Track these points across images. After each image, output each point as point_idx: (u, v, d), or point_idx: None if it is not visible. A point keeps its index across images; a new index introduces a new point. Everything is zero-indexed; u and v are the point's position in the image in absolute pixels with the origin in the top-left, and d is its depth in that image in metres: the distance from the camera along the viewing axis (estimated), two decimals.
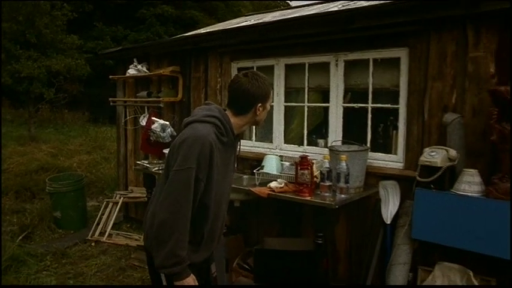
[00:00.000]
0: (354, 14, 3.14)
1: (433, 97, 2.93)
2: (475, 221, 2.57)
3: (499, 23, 2.66)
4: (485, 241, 2.55)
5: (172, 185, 1.82)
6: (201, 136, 1.82)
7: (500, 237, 2.49)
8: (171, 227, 1.80)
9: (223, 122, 1.91)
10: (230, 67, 4.23)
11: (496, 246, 2.52)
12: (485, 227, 2.54)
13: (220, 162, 1.90)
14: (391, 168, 3.14)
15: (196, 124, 1.89)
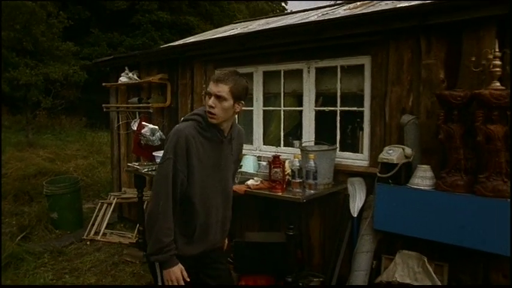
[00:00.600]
0: (323, 26, 3.48)
1: (393, 100, 3.26)
2: (427, 212, 2.88)
3: (447, 34, 2.99)
4: (436, 229, 2.87)
5: (156, 178, 2.07)
6: (178, 130, 2.06)
7: (449, 225, 2.81)
8: (154, 216, 2.01)
9: (204, 117, 2.09)
10: (214, 74, 4.55)
11: (446, 233, 2.83)
12: (436, 217, 2.85)
13: (205, 157, 2.08)
14: (358, 166, 3.47)
15: (180, 123, 2.15)
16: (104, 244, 5.10)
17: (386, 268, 3.22)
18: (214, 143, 2.12)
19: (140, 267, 4.36)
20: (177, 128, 2.09)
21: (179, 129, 2.06)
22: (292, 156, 3.41)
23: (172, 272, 2.04)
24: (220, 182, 2.20)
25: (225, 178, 2.25)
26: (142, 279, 4.09)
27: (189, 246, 2.13)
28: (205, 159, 2.09)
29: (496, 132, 2.62)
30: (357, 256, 3.20)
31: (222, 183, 2.22)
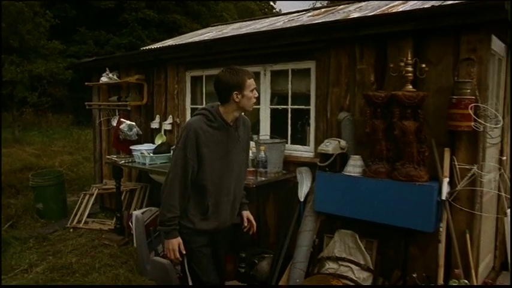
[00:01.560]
0: (274, 34, 4.02)
1: (333, 100, 3.81)
2: (358, 195, 3.44)
3: (376, 44, 3.55)
4: (365, 210, 3.43)
5: (172, 161, 2.45)
6: (188, 124, 2.41)
7: (375, 206, 3.36)
8: (164, 194, 2.37)
9: (211, 111, 2.41)
10: (185, 76, 5.10)
11: (373, 213, 3.39)
12: (364, 199, 3.41)
13: (213, 144, 2.38)
14: (305, 157, 4.02)
15: (190, 120, 2.51)
16: (86, 231, 5.61)
17: (328, 245, 3.79)
18: (221, 131, 2.41)
19: (117, 249, 4.88)
20: (187, 122, 2.48)
21: (189, 123, 2.41)
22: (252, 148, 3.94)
23: (171, 243, 2.40)
24: (229, 165, 2.47)
25: (235, 161, 2.51)
26: (118, 259, 4.61)
27: (205, 221, 2.46)
28: (214, 146, 2.38)
29: (409, 127, 3.18)
30: (300, 234, 3.75)
31: (231, 165, 2.48)
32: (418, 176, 3.19)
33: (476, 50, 3.12)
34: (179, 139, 2.41)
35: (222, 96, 2.41)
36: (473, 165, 3.14)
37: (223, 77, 2.38)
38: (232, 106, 2.41)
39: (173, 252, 2.41)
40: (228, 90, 2.37)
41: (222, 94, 2.41)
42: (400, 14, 3.49)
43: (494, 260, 4.19)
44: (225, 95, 2.39)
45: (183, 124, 2.58)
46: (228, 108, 2.41)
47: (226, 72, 2.40)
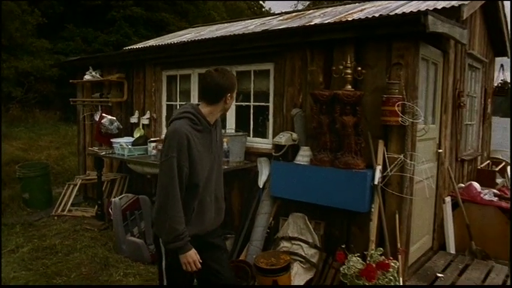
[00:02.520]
0: (237, 39, 4.56)
1: (288, 98, 4.36)
2: (306, 182, 3.99)
3: (324, 48, 4.09)
4: (313, 194, 3.98)
5: (161, 174, 2.31)
6: (177, 129, 2.29)
7: (320, 191, 3.91)
8: (165, 208, 2.25)
9: (195, 115, 2.36)
10: (161, 75, 5.63)
11: (319, 197, 3.94)
12: (312, 185, 3.96)
13: (200, 146, 2.35)
14: (265, 148, 4.57)
15: (174, 121, 2.37)
16: (69, 218, 6.11)
17: (282, 226, 4.34)
18: (205, 133, 2.41)
19: (98, 233, 5.40)
20: (175, 127, 2.32)
21: (177, 129, 2.30)
22: None
23: (189, 256, 2.31)
24: (213, 163, 2.47)
25: (216, 161, 2.51)
26: (98, 241, 5.12)
27: (188, 226, 2.34)
28: (201, 148, 2.36)
29: (348, 122, 3.74)
30: (258, 216, 4.30)
31: (214, 164, 2.49)
32: (355, 164, 3.75)
33: (404, 56, 3.67)
34: (168, 147, 2.30)
35: (213, 96, 2.40)
36: (401, 154, 3.70)
37: (217, 78, 2.37)
38: (219, 107, 2.43)
39: (194, 263, 2.35)
40: (222, 91, 2.38)
41: (214, 95, 2.39)
42: (342, 24, 4.04)
43: (433, 241, 4.78)
44: (216, 96, 2.39)
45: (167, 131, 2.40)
46: (215, 108, 2.42)
47: (219, 73, 2.39)
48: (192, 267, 2.34)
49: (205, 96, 2.43)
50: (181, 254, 2.31)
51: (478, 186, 5.00)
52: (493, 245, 4.71)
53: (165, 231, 2.28)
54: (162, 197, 2.29)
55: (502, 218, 4.69)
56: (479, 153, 6.31)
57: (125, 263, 4.49)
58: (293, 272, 3.96)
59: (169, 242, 2.29)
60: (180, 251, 2.30)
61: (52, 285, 4.07)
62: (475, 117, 6.11)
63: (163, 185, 2.29)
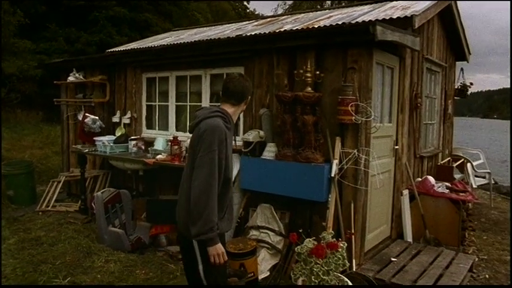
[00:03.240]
0: (211, 44, 5.02)
1: (257, 99, 4.83)
2: (272, 175, 4.46)
3: (289, 54, 4.57)
4: (278, 186, 4.45)
5: (201, 167, 2.38)
6: (217, 126, 2.45)
7: (285, 183, 4.38)
8: (204, 200, 2.33)
9: (225, 114, 2.59)
10: (141, 77, 6.06)
11: (284, 189, 4.41)
12: (277, 178, 4.43)
13: (230, 144, 2.57)
14: (236, 145, 4.95)
15: (208, 120, 2.50)
16: (53, 213, 6.48)
17: (252, 216, 4.81)
18: (231, 131, 2.61)
19: (81, 226, 5.80)
20: (215, 124, 2.47)
21: (218, 125, 2.46)
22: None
23: (219, 248, 2.40)
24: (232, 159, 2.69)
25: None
26: (81, 233, 5.51)
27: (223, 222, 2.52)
28: (230, 145, 2.59)
29: (308, 120, 4.22)
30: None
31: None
32: (314, 158, 4.24)
33: (357, 61, 4.17)
34: (209, 142, 2.40)
35: (237, 98, 2.67)
36: (355, 150, 4.20)
37: (242, 82, 2.68)
38: (240, 108, 2.73)
39: (222, 255, 2.44)
40: (244, 94, 2.69)
41: (238, 97, 2.66)
42: (304, 32, 4.52)
43: (391, 231, 5.29)
44: (240, 98, 2.68)
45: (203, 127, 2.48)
46: (237, 109, 2.70)
47: (243, 78, 2.72)
48: (220, 259, 2.42)
49: (231, 98, 2.66)
50: (211, 246, 2.38)
51: (432, 180, 5.54)
52: (444, 233, 5.26)
53: (202, 221, 2.32)
54: (201, 189, 2.35)
55: (452, 208, 5.23)
56: (440, 150, 6.87)
57: (106, 251, 4.90)
58: (260, 257, 4.43)
59: (202, 233, 2.34)
60: (210, 242, 2.37)
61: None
62: (435, 117, 6.67)
63: (205, 177, 2.36)
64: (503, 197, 8.71)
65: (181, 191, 2.61)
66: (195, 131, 2.54)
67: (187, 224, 2.44)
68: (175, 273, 4.41)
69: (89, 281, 4.20)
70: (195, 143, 2.50)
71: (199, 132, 2.47)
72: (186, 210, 2.44)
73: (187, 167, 2.58)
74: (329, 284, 3.43)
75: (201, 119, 2.54)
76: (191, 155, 2.53)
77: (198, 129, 2.51)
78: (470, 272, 4.68)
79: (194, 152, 2.48)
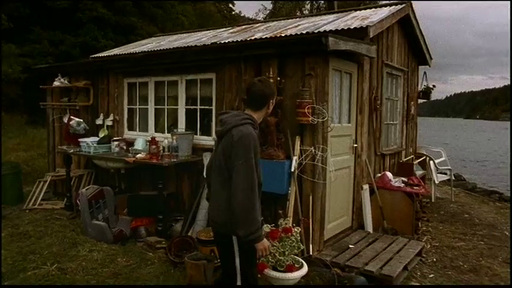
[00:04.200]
0: (185, 52, 5.62)
1: (227, 102, 5.44)
2: None
3: (255, 61, 5.17)
4: None
5: (243, 173, 2.59)
6: (249, 134, 2.65)
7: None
8: (250, 203, 2.57)
9: (253, 120, 2.78)
10: (123, 82, 6.63)
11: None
12: None
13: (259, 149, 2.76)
14: (209, 144, 5.62)
15: (240, 127, 2.69)
16: (40, 210, 6.99)
17: None
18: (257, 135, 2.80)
19: (67, 221, 6.33)
20: (248, 132, 2.68)
21: (251, 133, 2.68)
22: (168, 138, 5.53)
23: (266, 242, 2.73)
24: None
25: None
26: (67, 228, 6.04)
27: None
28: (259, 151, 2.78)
29: (271, 121, 4.83)
30: (202, 201, 5.35)
31: None
32: (276, 155, 4.85)
33: (314, 68, 4.79)
34: (245, 150, 2.62)
35: (259, 103, 2.86)
36: (312, 147, 4.81)
37: (262, 87, 2.85)
38: (263, 112, 2.90)
39: (268, 248, 2.79)
40: (266, 98, 2.86)
41: (260, 102, 2.85)
42: (268, 42, 5.14)
43: (352, 222, 5.92)
44: (262, 102, 2.85)
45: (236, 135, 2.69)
46: (261, 114, 2.89)
47: (263, 83, 2.89)
48: (267, 252, 2.78)
49: (253, 104, 2.86)
50: (259, 242, 2.67)
51: (390, 176, 6.18)
52: (400, 223, 5.90)
53: (249, 222, 2.58)
54: (246, 193, 2.57)
55: (407, 201, 5.88)
56: (403, 148, 7.54)
57: (90, 243, 5.44)
58: None
59: (251, 233, 2.59)
60: (259, 239, 2.66)
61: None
62: (397, 118, 7.33)
63: (247, 183, 2.59)
64: (467, 193, 9.44)
65: (215, 194, 2.86)
66: (227, 137, 2.71)
67: (227, 223, 2.72)
68: (153, 260, 4.97)
69: (74, 267, 4.74)
70: (227, 149, 2.67)
71: (233, 139, 2.65)
72: (226, 211, 2.69)
73: (215, 171, 2.84)
74: (285, 264, 4.04)
75: (233, 126, 2.71)
76: (222, 160, 2.73)
77: (230, 136, 2.69)
78: (420, 256, 5.33)
79: (227, 158, 2.68)
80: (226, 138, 2.71)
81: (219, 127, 2.86)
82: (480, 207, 8.05)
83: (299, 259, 4.25)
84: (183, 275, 4.53)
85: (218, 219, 2.84)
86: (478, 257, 5.47)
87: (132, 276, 4.57)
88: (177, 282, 4.45)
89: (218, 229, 2.90)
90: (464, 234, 6.32)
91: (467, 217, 7.20)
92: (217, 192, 2.83)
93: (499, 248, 5.78)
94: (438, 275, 4.92)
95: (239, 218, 2.59)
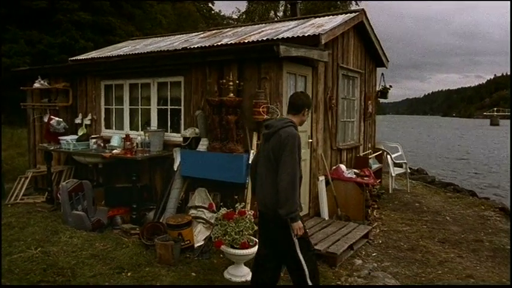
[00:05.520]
0: (156, 58, 6.38)
1: (194, 102, 6.22)
2: (205, 164, 5.84)
3: (218, 66, 5.95)
4: (210, 172, 5.83)
5: (288, 163, 3.30)
6: (294, 133, 3.42)
7: (215, 170, 5.76)
8: (292, 187, 3.27)
9: (293, 123, 3.54)
10: (100, 84, 7.36)
11: (214, 174, 5.79)
12: (209, 166, 5.81)
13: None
14: (178, 140, 6.39)
15: (286, 129, 3.45)
16: (22, 204, 7.67)
17: (191, 198, 6.17)
18: None
19: (48, 213, 7.03)
20: (293, 132, 3.43)
21: (295, 133, 3.44)
22: (141, 135, 6.29)
23: (300, 223, 3.37)
24: None
25: None
26: (49, 219, 6.72)
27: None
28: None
29: (231, 119, 5.62)
30: (172, 191, 6.12)
31: None
32: (236, 149, 5.65)
33: (269, 72, 5.60)
34: (292, 146, 3.35)
35: (295, 109, 3.64)
36: None
37: (301, 97, 3.72)
38: (300, 117, 3.66)
39: (303, 228, 3.43)
40: (302, 106, 3.65)
41: (296, 108, 3.64)
42: (228, 49, 5.93)
43: (310, 209, 6.75)
44: (299, 109, 3.63)
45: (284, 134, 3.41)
46: (298, 118, 3.65)
47: (303, 94, 3.83)
48: (301, 232, 3.38)
49: (292, 109, 3.66)
50: (296, 222, 3.32)
51: (343, 168, 7.04)
52: (352, 210, 6.75)
53: (293, 203, 3.27)
54: (290, 179, 3.28)
55: (358, 190, 6.74)
56: (360, 144, 8.41)
57: (71, 230, 6.15)
58: (197, 230, 5.80)
59: (291, 212, 3.28)
60: (295, 219, 3.32)
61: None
62: (355, 115, 8.20)
63: (291, 170, 3.30)
64: (425, 185, 10.39)
65: (264, 184, 3.55)
66: (275, 137, 3.45)
67: (275, 207, 3.36)
68: (127, 244, 5.71)
69: (56, 251, 5.46)
70: (276, 146, 3.40)
71: (281, 138, 3.39)
72: (274, 196, 3.37)
73: (265, 165, 3.54)
74: (240, 242, 4.83)
75: (279, 128, 3.47)
76: (272, 156, 3.43)
77: (278, 136, 3.42)
78: (367, 238, 6.19)
79: (276, 153, 3.39)
80: (275, 138, 3.47)
81: (266, 130, 3.64)
82: (432, 197, 8.99)
83: (254, 239, 5.04)
84: (154, 255, 5.28)
85: (267, 203, 3.55)
86: (418, 238, 6.36)
87: (108, 257, 5.30)
88: (148, 262, 5.19)
89: (267, 212, 3.57)
90: (411, 220, 7.22)
91: (417, 206, 8.12)
92: (268, 182, 3.51)
93: (438, 231, 6.68)
94: (380, 253, 5.78)
95: (282, 199, 3.29)
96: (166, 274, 4.85)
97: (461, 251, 5.87)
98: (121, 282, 4.67)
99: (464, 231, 6.72)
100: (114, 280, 4.72)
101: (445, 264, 5.41)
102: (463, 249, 5.96)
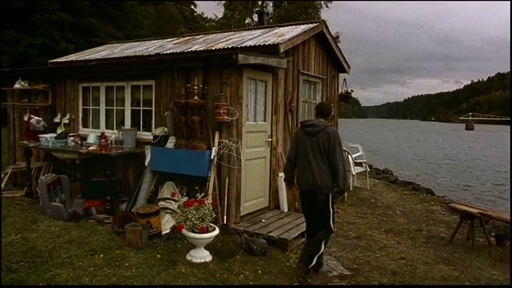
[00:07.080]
0: (130, 63, 7.18)
1: (164, 104, 7.04)
2: (173, 159, 6.65)
3: (185, 71, 6.78)
4: (177, 167, 6.64)
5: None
6: (336, 131, 4.96)
7: (181, 164, 6.57)
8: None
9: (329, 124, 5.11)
10: (78, 86, 8.13)
11: (181, 168, 6.60)
12: (176, 161, 6.62)
13: None
14: (149, 138, 7.19)
15: (328, 128, 4.84)
16: (2, 199, 8.38)
17: (160, 191, 6.97)
18: None
19: (27, 206, 7.76)
20: (335, 130, 4.94)
21: (335, 131, 4.92)
22: (115, 134, 7.08)
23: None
24: None
25: None
26: (28, 211, 7.45)
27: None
28: None
29: (195, 120, 6.46)
30: (142, 184, 6.92)
31: None
32: (199, 146, 6.48)
33: (229, 78, 6.44)
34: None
35: (324, 114, 5.06)
36: (226, 140, 6.45)
37: (327, 105, 5.24)
38: (328, 121, 5.06)
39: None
40: (328, 112, 5.13)
41: (324, 113, 5.07)
42: (193, 56, 6.76)
43: (269, 202, 7.60)
44: (326, 114, 5.08)
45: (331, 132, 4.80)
46: (327, 121, 5.05)
47: (328, 103, 5.66)
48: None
49: (321, 114, 5.08)
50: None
51: None
52: None
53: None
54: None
55: None
56: None
57: (49, 220, 6.89)
58: (165, 220, 6.61)
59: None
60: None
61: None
62: None
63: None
64: (387, 184, 11.34)
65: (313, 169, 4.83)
66: (323, 134, 4.78)
67: (328, 186, 4.80)
68: (101, 231, 6.48)
69: (35, 237, 6.20)
70: (326, 141, 4.75)
71: (329, 135, 4.76)
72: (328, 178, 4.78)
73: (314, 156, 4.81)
74: (199, 227, 5.65)
75: (324, 127, 4.84)
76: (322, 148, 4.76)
77: (326, 133, 4.78)
78: None
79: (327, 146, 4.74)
80: (322, 135, 4.78)
81: (310, 128, 4.89)
82: (389, 194, 9.95)
83: (213, 225, 5.86)
84: (124, 240, 6.07)
85: (320, 183, 4.82)
86: (366, 229, 7.25)
87: (83, 242, 6.07)
88: (118, 245, 5.96)
89: (315, 190, 4.87)
90: (365, 214, 8.13)
91: (373, 201, 9.05)
92: (321, 167, 4.81)
93: (385, 223, 7.60)
94: (330, 241, 6.64)
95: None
96: (134, 255, 5.61)
97: (401, 239, 6.78)
98: (94, 262, 5.42)
99: (409, 223, 7.65)
100: (87, 260, 5.46)
101: (384, 249, 6.30)
102: (404, 237, 6.88)
